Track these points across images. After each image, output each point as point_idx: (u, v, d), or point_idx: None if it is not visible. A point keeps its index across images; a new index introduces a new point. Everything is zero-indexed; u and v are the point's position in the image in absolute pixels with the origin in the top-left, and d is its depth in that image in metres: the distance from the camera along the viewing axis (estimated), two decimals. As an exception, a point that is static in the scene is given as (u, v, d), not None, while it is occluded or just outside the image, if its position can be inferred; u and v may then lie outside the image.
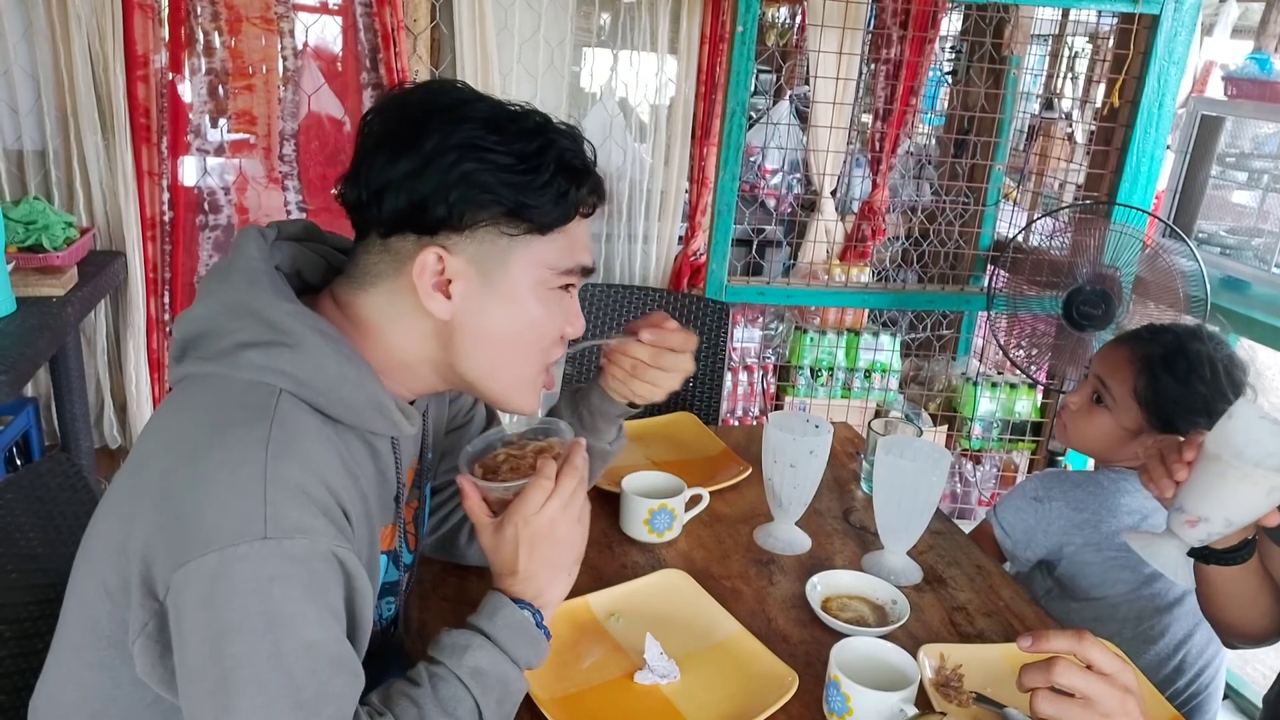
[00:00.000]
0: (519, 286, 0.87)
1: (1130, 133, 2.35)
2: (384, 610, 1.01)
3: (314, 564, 0.75)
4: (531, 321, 0.89)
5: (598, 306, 2.26)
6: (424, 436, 1.02)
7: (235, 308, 0.82)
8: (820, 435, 1.26)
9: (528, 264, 0.86)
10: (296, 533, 0.74)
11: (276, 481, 0.74)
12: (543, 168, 0.83)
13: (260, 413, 0.78)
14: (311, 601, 0.75)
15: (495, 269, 0.85)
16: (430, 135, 0.81)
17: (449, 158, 0.81)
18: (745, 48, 2.21)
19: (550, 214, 0.85)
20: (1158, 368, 1.41)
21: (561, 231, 0.87)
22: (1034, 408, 2.78)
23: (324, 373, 0.81)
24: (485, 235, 0.84)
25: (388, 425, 0.87)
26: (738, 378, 2.90)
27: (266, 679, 0.72)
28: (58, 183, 2.33)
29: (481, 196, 0.82)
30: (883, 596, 1.17)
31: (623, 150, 2.76)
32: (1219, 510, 0.98)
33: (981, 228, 2.93)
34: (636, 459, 1.52)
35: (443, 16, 2.48)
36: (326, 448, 0.81)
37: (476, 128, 0.82)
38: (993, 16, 2.73)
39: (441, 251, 0.83)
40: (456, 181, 0.81)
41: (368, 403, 0.84)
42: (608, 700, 0.97)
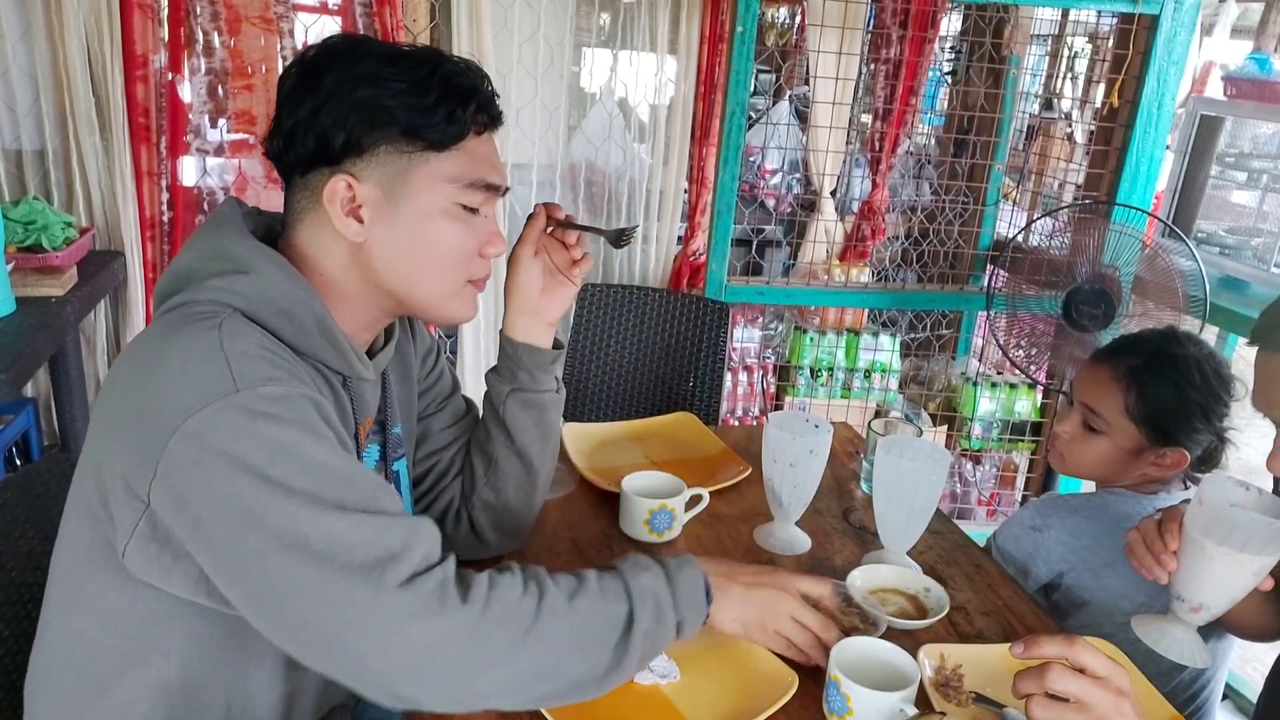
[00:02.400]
0: (424, 204, 0.92)
1: (1130, 133, 2.36)
2: None
3: (295, 401, 0.80)
4: (438, 238, 0.94)
5: (598, 306, 2.26)
6: (387, 404, 1.05)
7: (205, 250, 0.90)
8: (820, 435, 1.26)
9: (429, 180, 0.92)
10: (268, 381, 0.79)
11: (235, 351, 0.80)
12: (431, 89, 0.89)
13: (211, 316, 0.83)
14: (305, 430, 0.80)
15: (399, 188, 0.91)
16: (328, 75, 0.89)
17: (345, 89, 0.88)
18: (745, 48, 2.21)
19: (442, 130, 0.91)
20: (1144, 379, 1.36)
21: (459, 148, 0.93)
22: (1034, 408, 2.78)
23: (275, 292, 0.88)
24: (386, 157, 0.90)
25: (337, 357, 0.93)
26: (738, 378, 2.90)
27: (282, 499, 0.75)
28: (57, 183, 2.33)
29: (377, 118, 0.89)
30: (914, 586, 1.18)
31: (622, 150, 2.76)
32: (1217, 596, 0.98)
33: (981, 227, 2.93)
34: (636, 459, 1.52)
35: (442, 16, 2.48)
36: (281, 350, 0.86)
37: (370, 62, 0.90)
38: (992, 16, 2.73)
39: (349, 178, 0.90)
40: (352, 109, 0.88)
41: (316, 325, 0.90)
42: (608, 700, 0.96)
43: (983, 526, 2.85)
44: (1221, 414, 1.36)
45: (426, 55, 0.92)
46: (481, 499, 1.16)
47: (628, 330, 2.26)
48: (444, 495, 1.18)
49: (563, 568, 1.19)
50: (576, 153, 2.78)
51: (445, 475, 1.19)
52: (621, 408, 2.26)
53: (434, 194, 0.92)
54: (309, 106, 0.89)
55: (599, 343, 2.26)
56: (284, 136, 0.91)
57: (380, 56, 0.90)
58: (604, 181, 2.79)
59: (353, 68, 0.89)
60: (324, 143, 0.89)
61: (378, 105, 0.88)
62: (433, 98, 0.89)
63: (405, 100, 0.89)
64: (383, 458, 1.06)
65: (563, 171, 2.76)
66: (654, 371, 2.25)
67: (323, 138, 0.89)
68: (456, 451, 1.19)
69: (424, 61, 0.91)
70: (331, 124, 0.89)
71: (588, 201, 2.80)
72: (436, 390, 1.19)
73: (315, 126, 0.89)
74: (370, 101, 0.88)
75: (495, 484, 1.15)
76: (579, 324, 2.26)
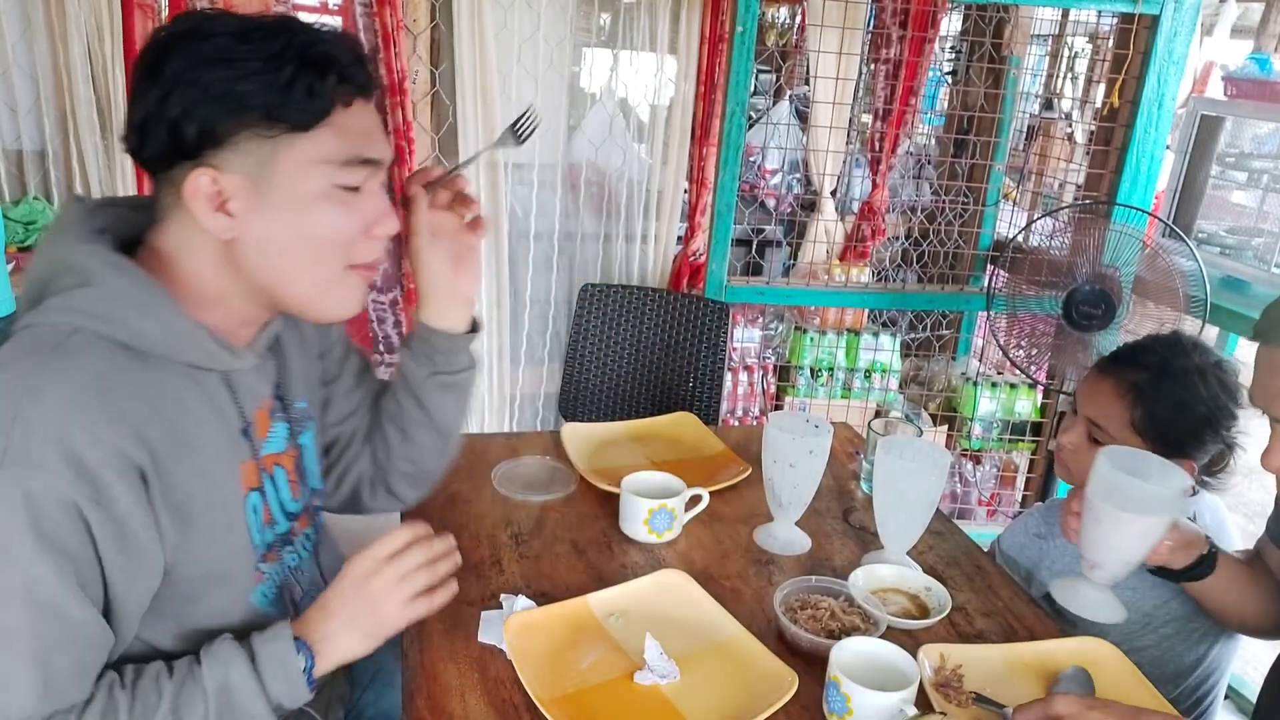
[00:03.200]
0: (296, 191, 0.85)
1: (1130, 133, 2.35)
2: (288, 560, 1.02)
3: (48, 505, 0.76)
4: (316, 223, 0.87)
5: (598, 306, 2.26)
6: (283, 382, 1.03)
7: (47, 262, 0.85)
8: (820, 435, 1.26)
9: (298, 164, 0.85)
10: (37, 470, 0.75)
11: (28, 415, 0.76)
12: (285, 65, 0.82)
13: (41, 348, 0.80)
14: (40, 541, 0.76)
15: (266, 177, 0.84)
16: (171, 60, 0.81)
17: (193, 75, 0.81)
18: (745, 48, 2.21)
19: (304, 109, 0.83)
20: (1148, 394, 1.33)
21: (327, 125, 0.85)
22: (1034, 408, 2.78)
23: (121, 303, 0.83)
24: (248, 145, 0.83)
25: (204, 355, 0.89)
26: (738, 378, 2.90)
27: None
28: (57, 183, 2.33)
29: (230, 105, 0.81)
30: (914, 585, 1.19)
31: (622, 150, 2.76)
32: (1107, 554, 1.09)
33: (981, 228, 2.93)
34: (636, 459, 1.52)
35: (442, 16, 2.48)
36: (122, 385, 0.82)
37: (218, 40, 0.82)
38: (992, 16, 2.73)
39: (212, 171, 0.83)
40: (201, 96, 0.81)
41: (171, 331, 0.85)
42: (608, 700, 0.97)
43: (983, 526, 2.85)
44: (1229, 424, 1.34)
45: (280, 26, 0.84)
46: (399, 470, 1.16)
47: (628, 330, 2.26)
48: (356, 464, 1.17)
49: (562, 568, 1.20)
50: (576, 153, 2.78)
51: (354, 441, 1.16)
52: (621, 408, 2.26)
53: (305, 178, 0.85)
54: (156, 95, 0.81)
55: (599, 343, 2.26)
56: (136, 130, 0.84)
57: (230, 34, 0.82)
58: (604, 181, 2.79)
59: (199, 49, 0.81)
60: (177, 134, 0.82)
61: (229, 89, 0.81)
62: (288, 74, 0.82)
63: (259, 80, 0.81)
64: (290, 434, 1.03)
65: (563, 171, 2.76)
66: (654, 371, 2.25)
67: (175, 129, 0.81)
68: (363, 415, 1.17)
69: (276, 34, 0.83)
70: (181, 113, 0.81)
71: (588, 201, 2.80)
72: (333, 355, 1.15)
73: (165, 117, 0.81)
74: (221, 86, 0.81)
75: (411, 455, 1.15)
76: (579, 324, 2.26)
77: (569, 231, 2.81)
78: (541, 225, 2.77)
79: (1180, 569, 1.17)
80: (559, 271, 2.82)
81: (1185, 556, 1.16)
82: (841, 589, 1.13)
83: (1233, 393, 1.35)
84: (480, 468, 1.44)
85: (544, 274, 2.81)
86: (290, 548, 1.04)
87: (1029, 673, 1.06)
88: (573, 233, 2.81)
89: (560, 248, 2.81)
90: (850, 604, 1.11)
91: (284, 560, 1.03)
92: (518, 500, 1.37)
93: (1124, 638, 1.28)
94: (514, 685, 0.98)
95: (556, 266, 2.82)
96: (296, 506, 1.04)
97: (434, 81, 2.53)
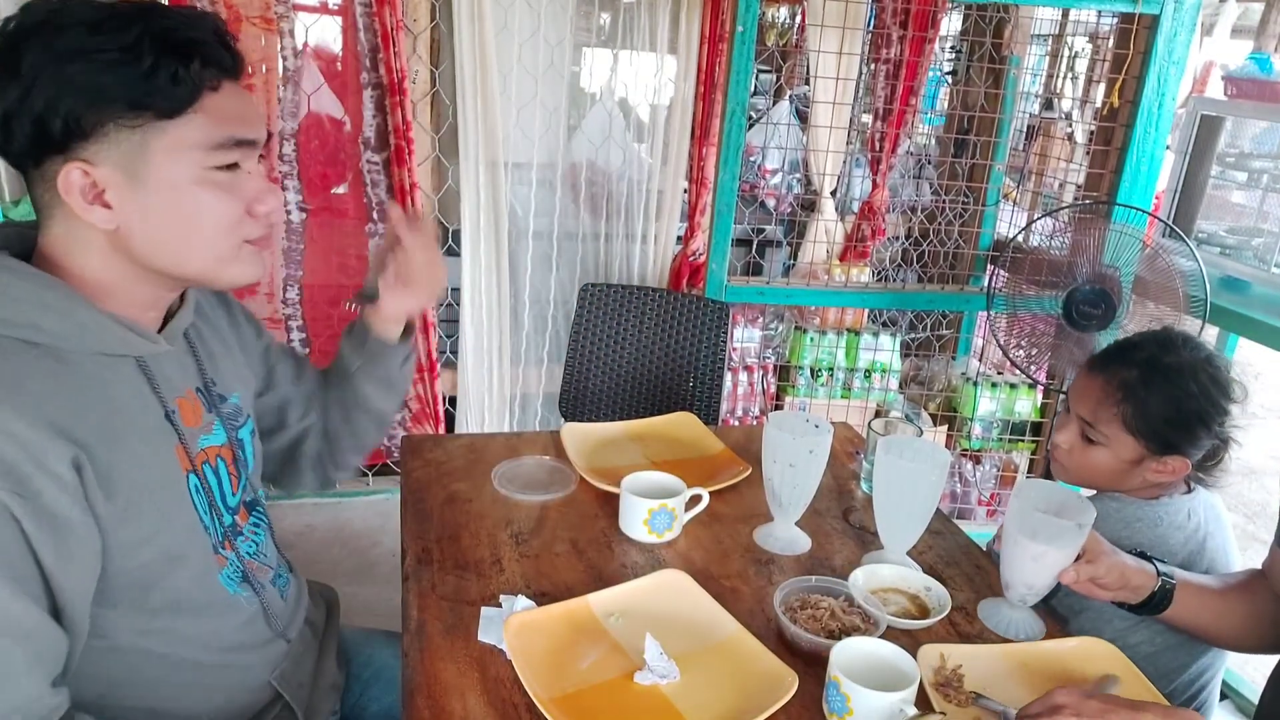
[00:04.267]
0: (172, 177, 0.86)
1: (1130, 133, 2.36)
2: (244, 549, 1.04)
3: None
4: (197, 209, 0.88)
5: (598, 306, 2.26)
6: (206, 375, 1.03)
7: None
8: (820, 435, 1.26)
9: (170, 152, 0.85)
10: None
11: None
12: (145, 53, 0.81)
13: None
14: None
15: (140, 167, 0.84)
16: (27, 54, 0.80)
17: (51, 69, 0.80)
18: (745, 48, 2.21)
19: (169, 96, 0.83)
20: (1139, 392, 1.33)
21: (196, 110, 0.85)
22: (1034, 408, 2.78)
23: (24, 304, 0.83)
24: (117, 136, 0.83)
25: (115, 342, 0.89)
26: (738, 378, 2.90)
27: None
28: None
29: (93, 97, 0.81)
30: (915, 585, 1.19)
31: (622, 150, 2.76)
32: (1012, 576, 1.14)
33: (981, 228, 2.93)
34: (636, 459, 1.52)
35: (442, 16, 2.48)
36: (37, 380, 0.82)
37: (72, 33, 0.81)
38: (993, 16, 2.73)
39: (82, 165, 0.83)
40: (65, 90, 0.80)
41: (77, 323, 0.86)
42: (608, 700, 0.97)
43: (983, 526, 2.85)
44: (1222, 420, 1.34)
45: (136, 11, 0.83)
46: (345, 446, 1.28)
47: (628, 330, 2.26)
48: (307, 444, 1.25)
49: (563, 568, 1.20)
50: (576, 153, 2.78)
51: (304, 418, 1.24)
52: (621, 408, 2.26)
53: (179, 165, 0.85)
54: (16, 91, 0.80)
55: (599, 343, 2.26)
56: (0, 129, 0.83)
57: (84, 24, 0.81)
58: (604, 181, 2.79)
59: (54, 42, 0.80)
60: (42, 129, 0.81)
61: (90, 82, 0.80)
62: (149, 62, 0.81)
63: (119, 71, 0.81)
64: (226, 429, 1.05)
65: (563, 171, 2.76)
66: (654, 371, 2.25)
67: (39, 124, 0.81)
68: (309, 396, 1.25)
69: (132, 21, 0.82)
70: (44, 108, 0.80)
71: (588, 201, 2.80)
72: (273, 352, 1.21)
73: (27, 113, 0.81)
74: (82, 79, 0.80)
75: (354, 432, 1.27)
76: (579, 324, 2.26)
77: (569, 231, 2.81)
78: (541, 225, 2.77)
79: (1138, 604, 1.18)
80: (559, 271, 2.83)
81: (1133, 595, 1.17)
82: (841, 589, 1.13)
83: (1224, 388, 1.34)
84: (480, 468, 1.44)
85: (544, 274, 2.81)
86: (242, 537, 1.05)
87: (1029, 673, 1.06)
88: (573, 233, 2.81)
89: (560, 248, 2.81)
90: (850, 604, 1.12)
91: (240, 549, 1.04)
92: (518, 500, 1.37)
93: (1116, 635, 1.28)
94: (514, 685, 0.98)
95: (556, 266, 2.82)
96: (234, 500, 1.05)
97: (434, 81, 2.53)
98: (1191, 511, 1.37)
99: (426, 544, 1.24)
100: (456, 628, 1.07)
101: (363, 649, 1.30)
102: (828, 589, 1.14)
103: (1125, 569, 1.15)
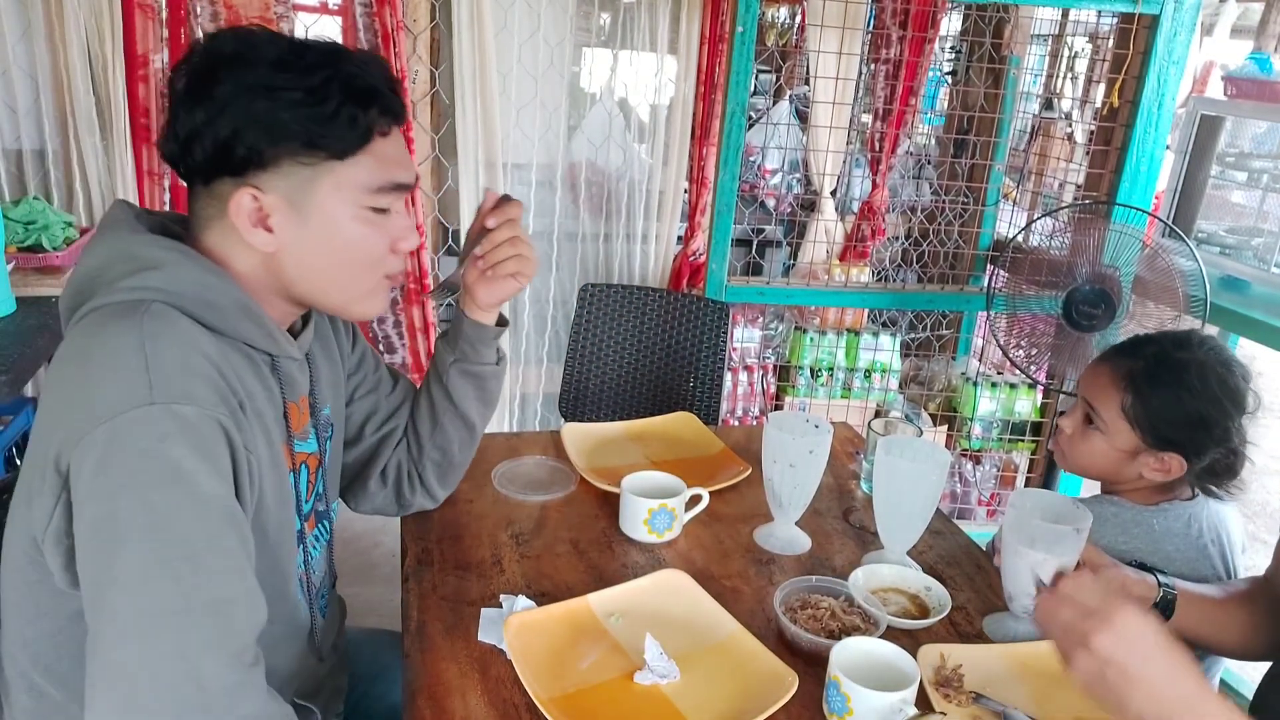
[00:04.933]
0: (332, 213, 0.91)
1: (1130, 133, 2.36)
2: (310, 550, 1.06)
3: (203, 427, 0.81)
4: (350, 244, 0.93)
5: (598, 306, 2.26)
6: (315, 387, 1.07)
7: (107, 255, 0.89)
8: (820, 435, 1.26)
9: (334, 189, 0.90)
10: (183, 398, 0.80)
11: (156, 355, 0.80)
12: (329, 97, 0.87)
13: (132, 311, 0.83)
14: (203, 460, 0.80)
15: (305, 199, 0.90)
16: (222, 83, 0.86)
17: (240, 101, 0.86)
18: (745, 48, 2.21)
19: (344, 139, 0.89)
20: (1142, 383, 1.33)
21: (364, 153, 0.91)
22: (1034, 408, 2.78)
23: (190, 282, 0.87)
24: (289, 169, 0.89)
25: (263, 336, 0.93)
26: (738, 378, 2.90)
27: (155, 527, 0.77)
28: (57, 183, 2.33)
29: (275, 133, 0.87)
30: (915, 585, 1.19)
31: (622, 150, 2.76)
32: (1012, 587, 1.12)
33: (981, 228, 2.93)
34: (636, 459, 1.52)
35: (442, 16, 2.48)
36: (208, 339, 0.86)
37: (264, 69, 0.86)
38: (992, 16, 2.73)
39: (255, 190, 0.89)
40: (250, 123, 0.86)
41: (236, 307, 0.90)
42: (608, 700, 0.97)
43: (983, 526, 2.85)
44: (1225, 424, 1.32)
45: (323, 57, 0.89)
46: (430, 459, 1.24)
47: (628, 330, 2.26)
48: (394, 460, 1.24)
49: (563, 568, 1.20)
50: (576, 153, 2.78)
51: (397, 442, 1.24)
52: (621, 408, 2.26)
53: (342, 202, 0.91)
54: (202, 115, 0.86)
55: (599, 343, 2.26)
56: (180, 144, 0.89)
57: (272, 63, 0.87)
58: (604, 181, 2.79)
59: (244, 77, 0.86)
60: (224, 154, 0.87)
61: (274, 119, 0.86)
62: (332, 106, 0.87)
63: (302, 111, 0.86)
64: (319, 439, 1.08)
65: (563, 171, 2.76)
66: (654, 371, 2.25)
67: (222, 149, 0.87)
68: (404, 416, 1.25)
69: (319, 65, 0.88)
70: (230, 136, 0.86)
71: (588, 202, 2.80)
72: (366, 365, 1.22)
73: (213, 137, 0.87)
74: (266, 115, 0.86)
75: (441, 444, 1.23)
76: (579, 324, 2.26)
77: (569, 231, 2.81)
78: (541, 225, 2.77)
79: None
80: (559, 271, 2.83)
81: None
82: (841, 589, 1.13)
83: (1234, 394, 1.32)
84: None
85: (544, 274, 2.81)
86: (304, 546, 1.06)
87: (1029, 673, 1.06)
88: (573, 233, 2.81)
89: (560, 248, 2.81)
90: (850, 604, 1.12)
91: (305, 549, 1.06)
92: (518, 500, 1.37)
93: None
94: (514, 685, 0.98)
95: (556, 266, 2.82)
96: (307, 508, 1.08)
97: (434, 81, 2.53)
98: (1193, 518, 1.35)
99: (427, 544, 1.24)
100: (457, 628, 1.07)
101: (364, 649, 1.31)
102: (828, 589, 1.14)
103: (1126, 581, 1.15)
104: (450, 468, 1.27)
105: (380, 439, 1.23)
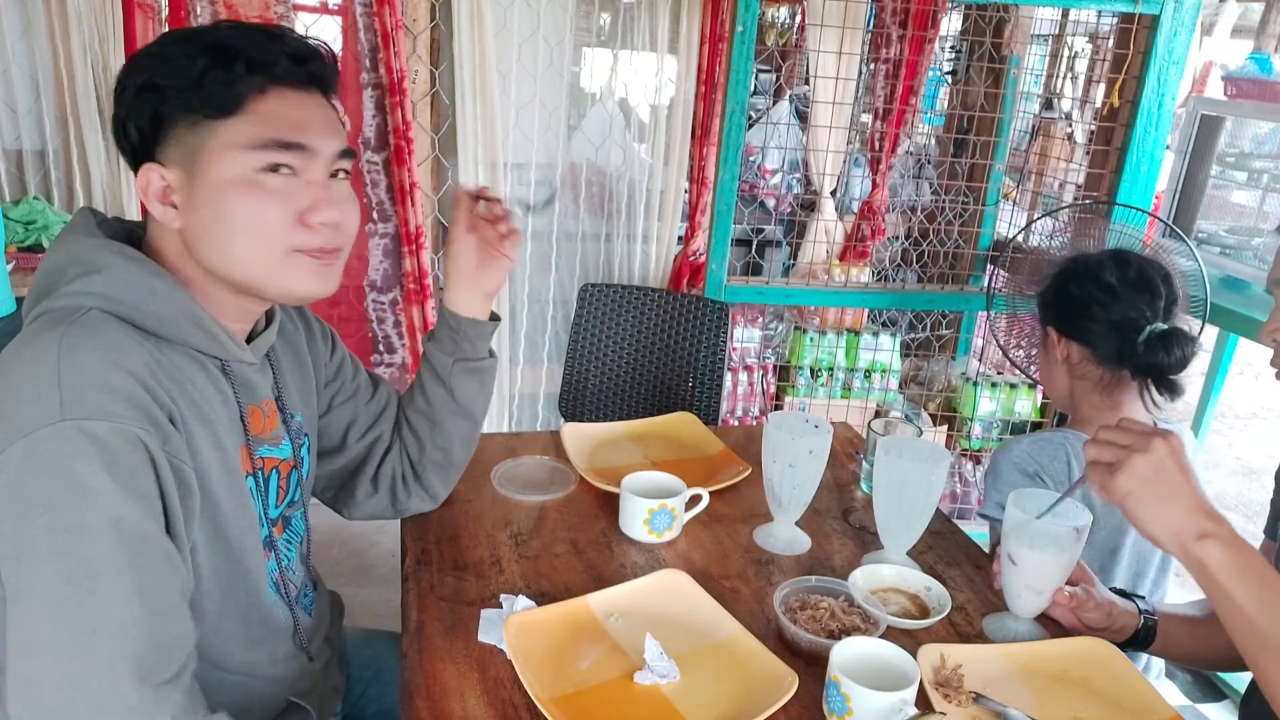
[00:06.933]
0: (221, 176, 0.89)
1: (1130, 133, 2.36)
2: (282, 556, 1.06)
3: (116, 444, 0.79)
4: (240, 210, 0.90)
5: (598, 306, 2.26)
6: (282, 392, 1.07)
7: (58, 259, 0.90)
8: (820, 435, 1.26)
9: (219, 150, 0.89)
10: (96, 413, 0.79)
11: (71, 370, 0.80)
12: (196, 58, 0.87)
13: (60, 322, 0.83)
14: (116, 479, 0.79)
15: (195, 164, 0.89)
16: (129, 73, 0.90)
17: (129, 78, 0.89)
18: (745, 47, 2.21)
19: (214, 97, 0.88)
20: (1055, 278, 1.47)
21: (248, 111, 0.89)
22: (1034, 408, 2.78)
23: (132, 288, 0.88)
24: (180, 136, 0.89)
25: (208, 340, 0.92)
26: (738, 378, 2.90)
27: (62, 549, 0.76)
28: (57, 183, 2.33)
29: (154, 97, 0.88)
30: (915, 585, 1.19)
31: (622, 150, 2.76)
32: (1015, 589, 1.13)
33: (981, 227, 2.93)
34: (636, 459, 1.52)
35: (442, 16, 2.48)
36: (138, 350, 0.85)
37: (154, 45, 0.90)
38: (993, 16, 2.73)
39: (158, 167, 0.90)
40: (135, 95, 0.89)
41: (180, 313, 0.90)
42: (607, 700, 0.97)
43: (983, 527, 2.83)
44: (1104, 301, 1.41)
45: (212, 26, 0.92)
46: (432, 460, 1.24)
47: (628, 330, 2.26)
48: (386, 466, 1.24)
49: (562, 568, 1.20)
50: (576, 153, 2.78)
51: (388, 449, 1.24)
52: (621, 408, 2.26)
53: (225, 164, 0.89)
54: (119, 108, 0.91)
55: (599, 343, 2.26)
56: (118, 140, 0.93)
57: (169, 38, 0.90)
58: (604, 181, 2.79)
59: (140, 61, 0.90)
60: (127, 134, 0.90)
61: (151, 85, 0.88)
62: (201, 64, 0.87)
63: (175, 69, 0.87)
64: (293, 445, 1.07)
65: (563, 171, 2.76)
66: (654, 371, 2.25)
67: (122, 131, 0.91)
68: (389, 422, 1.25)
69: (202, 32, 0.90)
70: (125, 115, 0.90)
71: (588, 202, 2.80)
72: (345, 373, 1.21)
73: (119, 123, 0.91)
74: (146, 83, 0.88)
75: (442, 444, 1.24)
76: (579, 324, 2.26)
77: (569, 231, 2.82)
78: (541, 225, 2.77)
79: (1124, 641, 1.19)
80: (559, 271, 2.83)
81: (1117, 635, 1.17)
82: (841, 589, 1.13)
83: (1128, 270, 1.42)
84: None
85: (543, 274, 2.81)
86: (274, 550, 1.06)
87: (1029, 673, 1.06)
88: (572, 232, 2.82)
89: (560, 247, 2.81)
90: (850, 604, 1.11)
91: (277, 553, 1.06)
92: (518, 500, 1.37)
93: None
94: (514, 685, 0.98)
95: (556, 266, 2.82)
96: (275, 513, 1.07)
97: (434, 81, 2.53)
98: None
99: (426, 545, 1.24)
100: (456, 628, 1.07)
101: (362, 650, 1.31)
102: (828, 589, 1.14)
103: (1112, 609, 1.17)
104: (451, 467, 1.27)
105: (368, 446, 1.23)
